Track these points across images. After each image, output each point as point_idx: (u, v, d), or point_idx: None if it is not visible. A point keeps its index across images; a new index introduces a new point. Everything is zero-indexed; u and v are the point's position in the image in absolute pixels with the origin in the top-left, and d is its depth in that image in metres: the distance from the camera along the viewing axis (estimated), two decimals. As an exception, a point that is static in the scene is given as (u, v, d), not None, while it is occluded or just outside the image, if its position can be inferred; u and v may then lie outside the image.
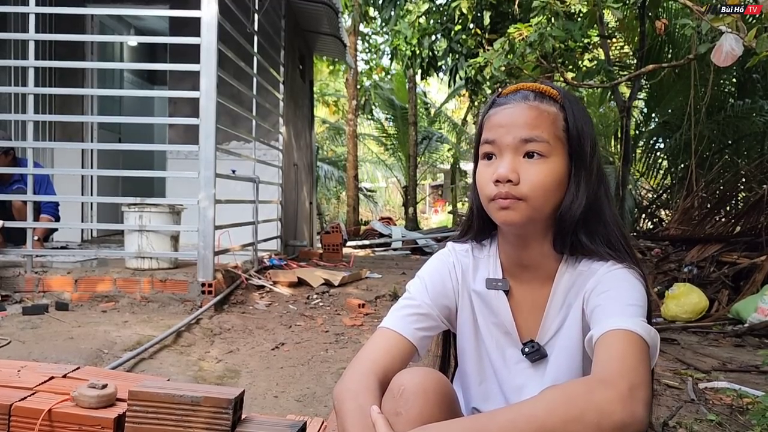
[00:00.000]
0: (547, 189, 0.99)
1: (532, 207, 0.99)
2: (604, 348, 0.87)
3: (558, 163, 1.00)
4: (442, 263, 1.16)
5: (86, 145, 6.17)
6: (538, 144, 0.99)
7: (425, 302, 1.11)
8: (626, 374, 0.81)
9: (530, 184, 0.98)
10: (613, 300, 0.95)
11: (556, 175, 0.99)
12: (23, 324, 3.20)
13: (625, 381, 0.80)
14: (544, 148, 0.99)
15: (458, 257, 1.15)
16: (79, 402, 1.08)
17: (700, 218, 5.86)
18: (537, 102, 1.02)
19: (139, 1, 6.15)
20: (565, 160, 1.01)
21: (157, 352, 2.93)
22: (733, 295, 4.44)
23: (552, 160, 0.99)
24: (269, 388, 2.58)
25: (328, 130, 18.46)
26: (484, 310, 1.12)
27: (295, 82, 7.36)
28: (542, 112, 1.01)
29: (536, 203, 0.99)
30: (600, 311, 0.95)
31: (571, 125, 1.02)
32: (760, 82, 7.60)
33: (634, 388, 0.79)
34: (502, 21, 6.26)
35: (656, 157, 9.03)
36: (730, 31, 2.94)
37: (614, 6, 4.38)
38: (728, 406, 2.48)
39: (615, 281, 0.98)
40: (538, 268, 1.07)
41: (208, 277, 3.85)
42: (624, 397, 0.78)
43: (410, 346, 1.07)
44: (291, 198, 6.92)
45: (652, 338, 0.89)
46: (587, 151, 1.02)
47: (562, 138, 1.01)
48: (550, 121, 1.01)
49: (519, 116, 1.01)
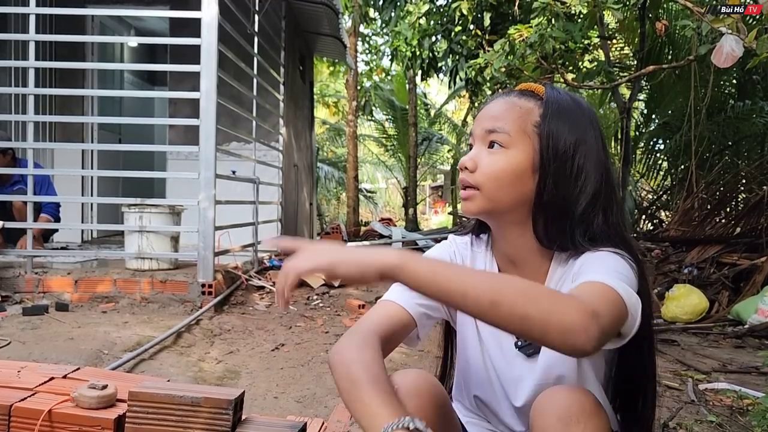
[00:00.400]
0: (499, 179, 1.00)
1: (486, 197, 1.01)
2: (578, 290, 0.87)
3: (519, 156, 1.00)
4: (444, 252, 1.17)
5: (86, 145, 6.18)
6: (498, 135, 1.01)
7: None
8: (595, 302, 0.81)
9: (482, 173, 1.00)
10: (595, 265, 0.94)
11: (513, 167, 1.00)
12: (23, 325, 3.20)
13: (591, 305, 0.79)
14: (503, 139, 1.00)
15: (458, 248, 1.16)
16: (79, 403, 1.08)
17: (700, 219, 5.86)
18: (515, 97, 1.04)
19: (139, 2, 6.15)
20: (530, 154, 1.00)
21: (157, 353, 2.92)
22: (733, 297, 4.44)
23: (512, 152, 1.00)
24: (269, 388, 2.58)
25: (329, 130, 18.46)
26: None
27: (295, 82, 7.36)
28: (513, 105, 1.02)
29: (489, 193, 1.00)
30: (580, 276, 0.94)
31: (546, 121, 1.01)
32: (761, 83, 7.60)
33: (598, 314, 0.78)
34: (503, 22, 6.26)
35: (656, 158, 9.03)
36: (731, 32, 2.95)
37: (614, 7, 4.38)
38: (728, 407, 2.48)
39: (600, 257, 0.97)
40: (527, 263, 1.07)
41: (208, 277, 3.85)
42: (585, 312, 0.77)
43: (410, 318, 1.07)
44: (291, 199, 6.92)
45: (633, 304, 0.87)
46: (562, 149, 1.00)
47: (530, 132, 1.01)
48: (518, 114, 1.01)
49: (489, 109, 1.04)
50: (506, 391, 1.09)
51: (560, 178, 1.00)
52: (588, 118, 1.04)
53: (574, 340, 0.77)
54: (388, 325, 1.04)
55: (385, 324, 1.03)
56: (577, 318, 0.77)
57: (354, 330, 1.03)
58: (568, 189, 1.00)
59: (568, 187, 1.00)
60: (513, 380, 1.08)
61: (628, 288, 0.88)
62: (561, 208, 1.00)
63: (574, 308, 0.77)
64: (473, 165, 1.01)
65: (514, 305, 0.78)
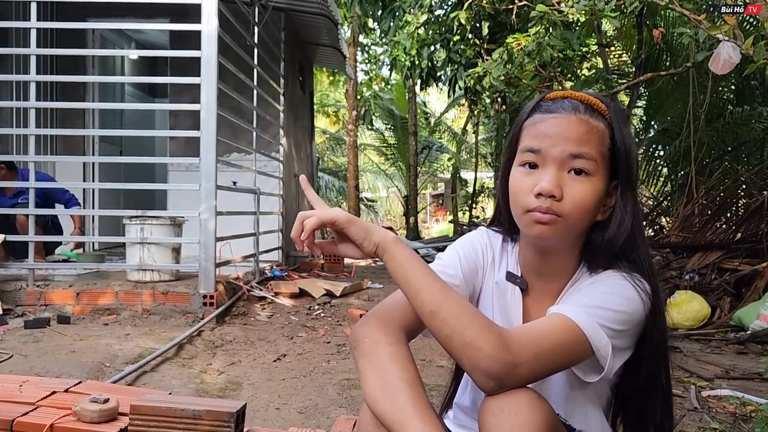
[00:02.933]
0: (587, 208, 0.96)
1: (568, 225, 0.96)
2: (534, 324, 0.91)
3: (600, 182, 0.97)
4: (477, 241, 1.14)
5: (88, 158, 6.20)
6: (586, 161, 0.95)
7: (456, 271, 1.07)
8: (525, 348, 0.85)
9: (573, 203, 0.95)
10: (589, 294, 0.95)
11: (597, 195, 0.96)
12: (25, 338, 3.21)
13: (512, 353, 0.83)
14: (591, 166, 0.95)
15: (491, 241, 1.14)
16: (81, 417, 1.08)
17: (700, 225, 5.85)
18: (587, 116, 0.97)
19: (139, 15, 6.18)
20: (606, 179, 0.98)
21: (159, 365, 2.92)
22: (735, 302, 4.43)
23: (596, 179, 0.96)
24: (271, 400, 2.58)
25: (329, 140, 18.50)
26: (499, 301, 1.11)
27: (295, 93, 7.39)
28: (592, 127, 0.97)
29: (573, 221, 0.96)
30: (570, 298, 0.96)
31: (618, 144, 0.98)
32: (759, 88, 7.61)
33: (516, 364, 0.83)
34: (501, 31, 6.29)
35: (656, 164, 9.03)
36: (728, 39, 2.96)
37: (612, 15, 4.40)
38: (731, 414, 2.47)
39: (606, 284, 0.97)
40: (553, 279, 1.06)
41: (209, 288, 3.85)
42: (499, 360, 0.83)
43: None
44: (292, 209, 6.93)
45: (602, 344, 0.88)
46: (634, 172, 1.00)
47: (606, 156, 0.98)
48: (598, 138, 0.97)
49: (568, 129, 0.96)
50: None
51: (633, 203, 1.00)
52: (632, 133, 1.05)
53: (477, 377, 0.85)
54: (412, 313, 0.97)
55: (409, 311, 0.97)
56: (486, 361, 0.83)
57: (380, 316, 0.99)
58: (635, 213, 1.00)
59: (636, 211, 1.00)
60: None
61: (602, 328, 0.89)
62: (617, 232, 0.99)
63: (490, 350, 0.83)
64: (560, 193, 0.95)
65: (445, 322, 0.85)
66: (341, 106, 18.40)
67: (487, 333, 0.84)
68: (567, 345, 0.87)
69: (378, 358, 0.92)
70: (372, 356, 0.93)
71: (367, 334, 0.96)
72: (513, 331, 0.88)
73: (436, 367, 3.09)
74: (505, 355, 0.83)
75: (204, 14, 3.93)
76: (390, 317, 0.99)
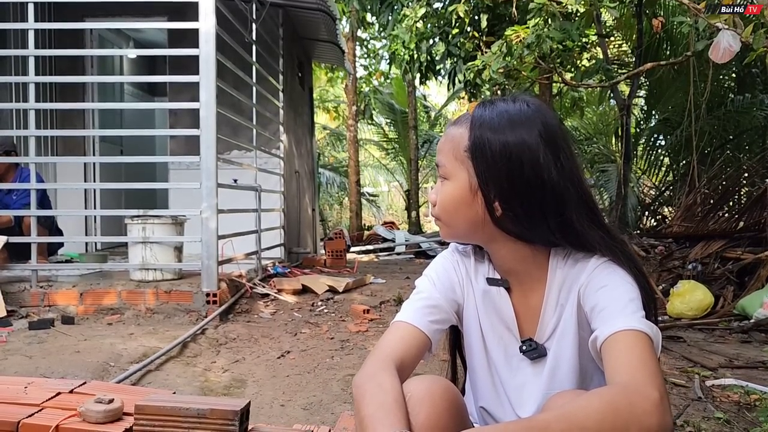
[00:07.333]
0: (447, 208, 1.06)
1: (445, 224, 1.08)
2: (619, 351, 0.89)
3: (457, 183, 1.04)
4: (446, 260, 1.19)
5: (88, 159, 6.20)
6: (441, 168, 1.07)
7: (434, 295, 1.13)
8: (653, 382, 0.83)
9: (439, 205, 1.07)
10: (611, 299, 0.96)
11: (455, 194, 1.04)
12: (30, 339, 3.22)
13: (656, 390, 0.82)
14: (444, 172, 1.06)
15: (461, 258, 1.17)
16: (86, 417, 1.08)
17: (703, 214, 5.85)
18: (451, 127, 1.08)
19: (137, 14, 6.17)
20: (466, 179, 1.03)
21: (164, 364, 2.93)
22: (738, 291, 4.43)
23: (452, 181, 1.05)
24: (275, 397, 2.59)
25: (329, 136, 18.47)
26: (487, 307, 1.12)
27: (294, 89, 7.38)
28: (447, 137, 1.08)
29: (447, 220, 1.07)
30: (600, 311, 0.96)
31: (473, 141, 1.02)
32: (760, 76, 7.60)
33: (664, 396, 0.82)
34: (500, 23, 6.27)
35: (657, 154, 9.03)
36: (727, 27, 2.94)
37: (611, 5, 4.39)
38: (736, 403, 2.47)
39: (607, 277, 0.99)
40: (523, 271, 1.08)
41: (212, 287, 3.86)
42: (658, 408, 0.80)
43: (425, 337, 1.08)
44: (293, 205, 6.93)
45: (655, 334, 0.91)
46: (491, 161, 1.00)
47: (462, 158, 1.03)
48: (450, 144, 1.05)
49: (438, 144, 1.11)
50: (510, 398, 1.10)
51: (505, 188, 1.00)
52: (528, 122, 1.01)
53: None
54: (405, 350, 1.05)
55: (400, 349, 1.05)
56: (656, 420, 0.79)
57: (372, 359, 1.04)
58: (524, 195, 0.99)
59: (524, 193, 0.99)
60: (517, 387, 1.09)
61: (647, 321, 0.92)
62: (526, 216, 1.00)
63: (653, 412, 0.80)
64: (434, 199, 1.09)
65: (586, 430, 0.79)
66: (341, 101, 18.36)
67: (630, 404, 0.80)
68: (653, 351, 0.90)
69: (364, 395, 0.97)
70: (360, 398, 0.97)
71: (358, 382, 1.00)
72: (623, 376, 0.85)
73: (440, 361, 3.09)
74: (652, 400, 0.80)
75: (201, 12, 3.92)
76: (378, 357, 1.05)
